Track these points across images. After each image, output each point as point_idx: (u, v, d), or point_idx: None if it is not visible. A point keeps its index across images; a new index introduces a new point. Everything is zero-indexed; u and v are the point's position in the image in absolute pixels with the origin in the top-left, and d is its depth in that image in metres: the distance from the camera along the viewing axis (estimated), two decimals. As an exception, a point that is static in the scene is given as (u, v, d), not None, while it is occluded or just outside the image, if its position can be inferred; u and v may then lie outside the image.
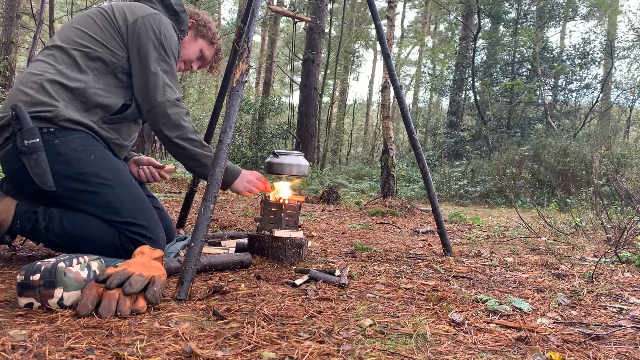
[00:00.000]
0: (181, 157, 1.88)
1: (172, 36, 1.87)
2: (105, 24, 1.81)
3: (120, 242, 1.73)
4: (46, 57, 1.77)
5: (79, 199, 1.71)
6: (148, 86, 1.79)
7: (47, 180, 1.64)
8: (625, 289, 1.82)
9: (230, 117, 1.59)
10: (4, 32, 8.95)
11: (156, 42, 1.80)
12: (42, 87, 1.68)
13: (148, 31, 1.80)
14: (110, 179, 1.73)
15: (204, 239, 1.48)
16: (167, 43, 1.83)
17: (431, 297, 1.56)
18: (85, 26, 1.81)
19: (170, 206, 4.02)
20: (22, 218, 1.70)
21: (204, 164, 1.86)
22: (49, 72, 1.71)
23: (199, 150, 1.86)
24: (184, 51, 2.10)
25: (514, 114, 13.67)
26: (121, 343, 1.02)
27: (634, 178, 6.35)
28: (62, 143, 1.67)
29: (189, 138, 1.83)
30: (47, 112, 1.66)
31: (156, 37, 1.81)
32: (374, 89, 27.23)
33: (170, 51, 1.85)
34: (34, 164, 1.62)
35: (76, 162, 1.68)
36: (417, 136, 2.62)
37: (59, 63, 1.74)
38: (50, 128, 1.67)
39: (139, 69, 1.80)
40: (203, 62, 2.21)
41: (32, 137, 1.61)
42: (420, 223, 4.48)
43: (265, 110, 16.02)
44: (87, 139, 1.75)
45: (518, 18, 14.01)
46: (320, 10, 12.76)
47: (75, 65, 1.75)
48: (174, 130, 1.81)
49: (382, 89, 5.98)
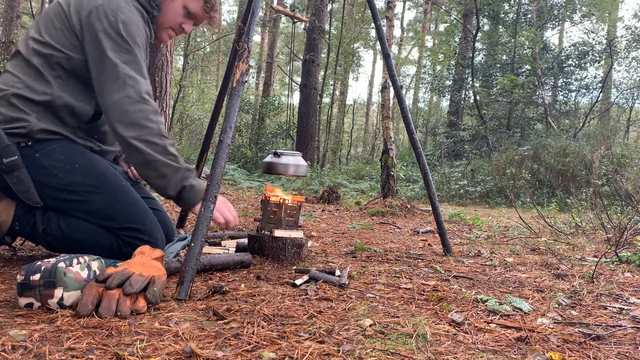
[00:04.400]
0: (137, 164, 1.63)
1: (133, 20, 1.65)
2: (61, 23, 1.66)
3: (118, 245, 1.71)
4: (13, 67, 1.69)
5: (70, 207, 1.70)
6: (105, 81, 1.60)
7: (32, 196, 1.62)
8: (625, 289, 1.82)
9: (230, 117, 1.59)
10: (4, 32, 8.94)
11: (112, 33, 1.60)
12: (10, 104, 1.62)
13: (102, 22, 1.60)
14: (97, 185, 1.68)
15: (204, 239, 1.48)
16: (127, 29, 1.62)
17: (431, 297, 1.56)
18: (45, 28, 1.69)
19: (170, 206, 4.02)
20: (21, 220, 1.69)
21: (162, 174, 1.60)
22: (16, 86, 1.64)
23: (159, 157, 1.59)
24: (164, 17, 1.84)
25: (513, 114, 13.67)
26: (121, 343, 1.02)
27: (633, 178, 6.35)
28: (42, 155, 1.64)
29: (149, 141, 1.58)
30: (21, 128, 1.61)
31: (112, 27, 1.60)
32: (374, 89, 27.26)
33: (131, 38, 1.63)
34: (16, 182, 1.60)
35: (60, 172, 1.65)
36: (417, 136, 2.62)
37: (25, 75, 1.66)
38: (27, 142, 1.63)
39: (96, 64, 1.61)
40: (194, 18, 1.91)
41: (10, 154, 1.58)
42: (420, 223, 4.48)
43: (265, 110, 16.02)
44: (68, 146, 1.69)
45: (517, 18, 14.02)
46: (320, 10, 12.76)
47: (39, 75, 1.65)
48: (132, 129, 1.57)
49: (382, 89, 5.97)
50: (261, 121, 16.32)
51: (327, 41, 15.17)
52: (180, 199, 1.67)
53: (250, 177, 11.03)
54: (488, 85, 14.35)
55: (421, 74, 22.71)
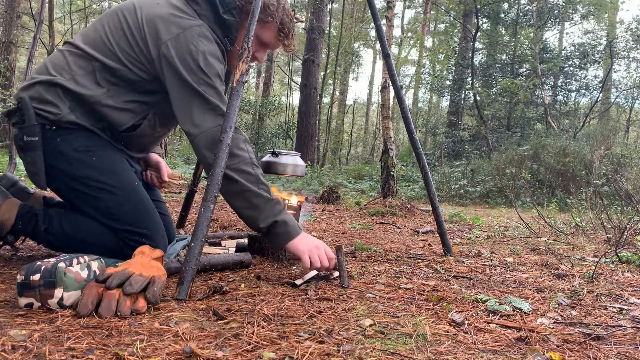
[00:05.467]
0: (229, 194, 1.59)
1: (211, 52, 1.63)
2: (136, 39, 1.63)
3: (120, 247, 1.70)
4: (70, 54, 1.66)
5: (79, 199, 1.70)
6: (192, 112, 1.59)
7: (40, 180, 1.62)
8: (625, 289, 1.82)
9: (230, 117, 1.59)
10: (4, 32, 8.95)
11: (193, 66, 1.59)
12: (50, 87, 1.62)
13: (183, 54, 1.58)
14: (111, 183, 1.67)
15: (204, 239, 1.48)
16: (205, 62, 1.60)
17: (431, 297, 1.56)
18: (115, 34, 1.65)
19: (171, 206, 4.02)
20: (24, 219, 1.69)
21: (254, 205, 1.57)
22: (64, 76, 1.63)
23: (252, 187, 1.56)
24: (237, 49, 1.78)
25: (513, 114, 13.68)
26: (121, 343, 1.02)
27: (633, 178, 6.35)
28: (63, 141, 1.64)
29: (242, 170, 1.57)
30: (50, 114, 1.62)
31: (192, 59, 1.58)
32: (373, 89, 27.26)
33: (211, 71, 1.62)
34: (30, 161, 1.61)
35: (77, 163, 1.64)
36: (417, 136, 2.62)
37: (78, 67, 1.64)
38: (52, 126, 1.64)
39: (179, 97, 1.61)
40: (268, 47, 1.87)
41: (32, 134, 1.59)
42: (420, 223, 4.48)
43: (265, 110, 16.03)
44: (90, 138, 1.68)
45: (517, 18, 14.03)
46: (319, 10, 12.76)
47: (92, 75, 1.64)
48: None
49: (381, 89, 5.97)
50: (261, 121, 16.33)
51: (327, 41, 15.17)
52: (270, 232, 1.62)
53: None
54: (488, 85, 14.36)
55: (421, 74, 22.70)
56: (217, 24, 1.72)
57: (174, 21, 1.63)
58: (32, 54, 4.27)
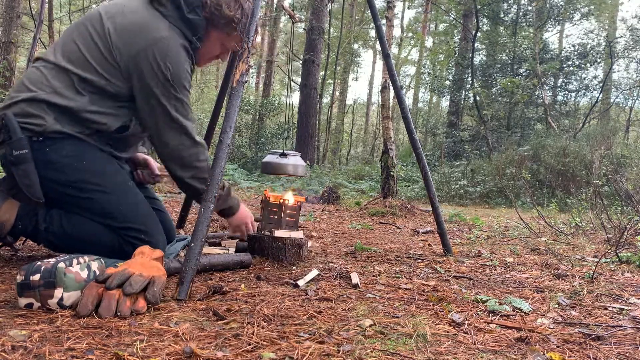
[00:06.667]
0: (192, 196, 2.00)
1: (180, 63, 1.70)
2: (106, 51, 1.66)
3: (119, 245, 1.72)
4: (46, 69, 1.68)
5: (75, 204, 1.70)
6: (158, 123, 1.71)
7: (35, 191, 1.62)
8: (625, 289, 1.82)
9: (230, 117, 1.59)
10: (4, 32, 8.94)
11: (161, 78, 1.66)
12: (32, 103, 1.62)
13: (151, 67, 1.65)
14: (103, 184, 1.69)
15: (204, 239, 1.48)
16: (174, 76, 1.68)
17: (431, 297, 1.56)
18: (87, 49, 1.67)
19: (170, 206, 4.02)
20: (24, 219, 1.70)
21: None
22: (45, 90, 1.64)
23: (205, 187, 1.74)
24: (204, 49, 1.89)
25: (513, 114, 13.67)
26: (121, 343, 1.02)
27: (633, 178, 6.35)
28: (51, 151, 1.64)
29: (201, 177, 1.80)
30: (36, 126, 1.62)
31: (161, 73, 1.66)
32: (374, 89, 27.26)
33: (179, 83, 1.70)
34: (22, 174, 1.60)
35: (68, 169, 1.65)
36: (417, 136, 2.62)
37: (56, 80, 1.65)
38: (39, 137, 1.63)
39: (146, 108, 1.70)
40: (232, 50, 1.99)
41: (21, 147, 1.58)
42: (420, 223, 4.48)
43: (265, 110, 16.03)
44: (78, 144, 1.69)
45: (517, 18, 14.02)
46: (319, 10, 12.76)
47: (71, 85, 1.66)
48: (188, 171, 1.78)
49: (381, 89, 5.97)
50: (261, 121, 16.33)
51: (327, 41, 15.16)
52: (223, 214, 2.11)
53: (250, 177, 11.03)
54: (488, 85, 14.35)
55: (421, 74, 22.70)
56: (184, 23, 1.76)
57: (146, 27, 1.67)
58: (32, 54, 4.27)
